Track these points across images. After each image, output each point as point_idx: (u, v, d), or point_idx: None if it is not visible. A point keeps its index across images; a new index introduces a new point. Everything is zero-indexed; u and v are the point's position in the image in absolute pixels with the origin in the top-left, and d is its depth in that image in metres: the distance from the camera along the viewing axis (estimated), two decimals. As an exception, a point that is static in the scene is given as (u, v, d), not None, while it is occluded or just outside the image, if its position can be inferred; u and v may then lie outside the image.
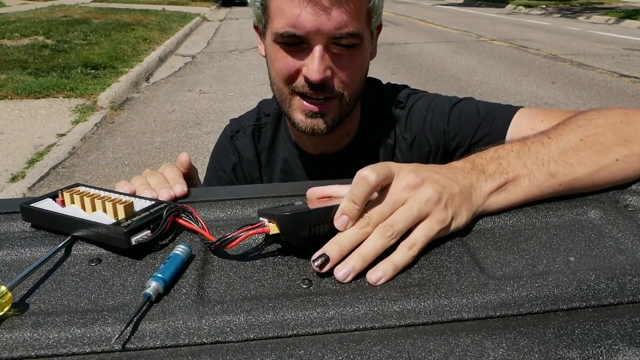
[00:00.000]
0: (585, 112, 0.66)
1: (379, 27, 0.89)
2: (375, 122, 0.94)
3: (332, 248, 0.47)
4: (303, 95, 0.80)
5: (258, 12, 0.83)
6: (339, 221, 0.48)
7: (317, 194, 0.56)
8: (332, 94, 0.80)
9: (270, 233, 0.48)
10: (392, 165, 0.51)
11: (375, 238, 0.47)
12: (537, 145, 0.59)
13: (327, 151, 0.94)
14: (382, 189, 0.50)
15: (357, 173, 0.49)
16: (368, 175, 0.48)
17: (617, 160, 0.59)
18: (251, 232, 0.47)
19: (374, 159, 0.94)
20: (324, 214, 0.49)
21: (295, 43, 0.77)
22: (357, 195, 0.47)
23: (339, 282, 0.45)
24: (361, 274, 0.46)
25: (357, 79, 0.82)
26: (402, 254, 0.47)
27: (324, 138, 0.86)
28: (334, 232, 0.49)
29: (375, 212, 0.49)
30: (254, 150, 0.98)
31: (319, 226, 0.49)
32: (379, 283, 0.45)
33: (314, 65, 0.76)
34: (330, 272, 0.46)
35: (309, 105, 0.80)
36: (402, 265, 0.47)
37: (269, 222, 0.48)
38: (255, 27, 0.89)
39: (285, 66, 0.79)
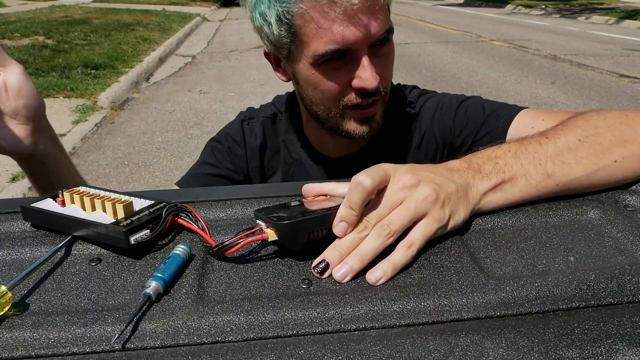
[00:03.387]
0: (585, 113, 0.66)
1: None
2: (388, 121, 0.94)
3: (331, 254, 0.47)
4: (355, 106, 0.80)
5: (284, 41, 0.78)
6: (337, 228, 0.48)
7: (313, 191, 0.56)
8: (380, 95, 0.81)
9: (269, 240, 0.48)
10: (387, 167, 0.51)
11: (373, 237, 0.48)
12: (535, 145, 0.59)
13: (346, 153, 0.94)
14: (379, 191, 0.50)
15: (352, 178, 0.49)
16: (363, 180, 0.48)
17: (615, 161, 0.59)
18: (250, 239, 0.48)
19: (387, 159, 0.94)
20: (323, 219, 0.49)
21: (338, 58, 0.76)
22: (353, 201, 0.47)
23: (337, 282, 0.45)
24: (360, 274, 0.46)
25: (391, 73, 0.84)
26: (401, 254, 0.47)
27: (350, 140, 0.87)
28: (332, 235, 0.49)
29: (373, 215, 0.49)
30: (262, 139, 0.97)
31: (317, 231, 0.49)
32: (378, 283, 0.45)
33: (367, 75, 0.76)
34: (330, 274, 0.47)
35: (364, 112, 0.81)
36: (401, 265, 0.47)
37: (267, 227, 0.49)
38: (268, 55, 0.88)
39: (333, 86, 0.78)
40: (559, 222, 0.55)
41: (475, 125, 0.87)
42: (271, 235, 0.48)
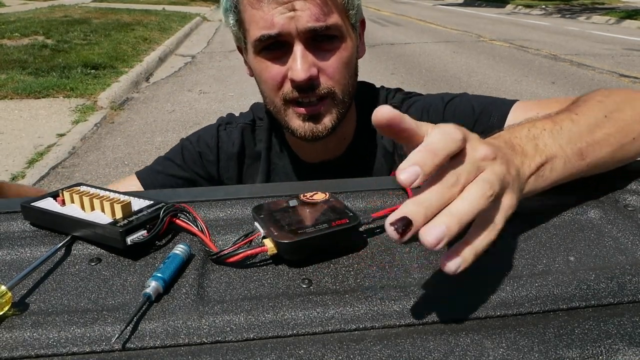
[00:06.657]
0: (596, 91, 0.64)
1: (363, 24, 0.87)
2: (371, 127, 0.93)
3: (415, 210, 0.35)
4: (295, 102, 0.79)
5: (235, 30, 0.82)
6: (405, 173, 0.34)
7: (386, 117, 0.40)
8: (323, 92, 0.78)
9: (269, 254, 0.48)
10: (463, 129, 0.41)
11: (475, 196, 0.36)
12: (568, 123, 0.54)
13: (325, 158, 0.92)
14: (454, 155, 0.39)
15: (435, 127, 0.39)
16: (455, 131, 0.38)
17: (634, 138, 0.58)
18: (249, 252, 0.47)
19: (372, 165, 0.92)
20: (325, 237, 0.47)
21: (275, 48, 0.76)
22: (439, 146, 0.36)
23: (427, 247, 0.34)
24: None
25: (345, 74, 0.80)
26: (484, 235, 0.38)
27: (323, 144, 0.84)
28: (333, 247, 0.48)
29: (463, 170, 0.37)
30: (239, 147, 0.94)
31: (318, 248, 0.48)
32: (458, 271, 0.37)
33: (296, 65, 0.74)
34: (332, 271, 0.46)
35: (305, 109, 0.78)
36: (482, 250, 0.38)
37: (265, 236, 0.48)
38: (239, 49, 0.88)
39: (271, 75, 0.78)
40: (559, 222, 0.55)
41: (467, 125, 0.84)
42: (270, 248, 0.47)
